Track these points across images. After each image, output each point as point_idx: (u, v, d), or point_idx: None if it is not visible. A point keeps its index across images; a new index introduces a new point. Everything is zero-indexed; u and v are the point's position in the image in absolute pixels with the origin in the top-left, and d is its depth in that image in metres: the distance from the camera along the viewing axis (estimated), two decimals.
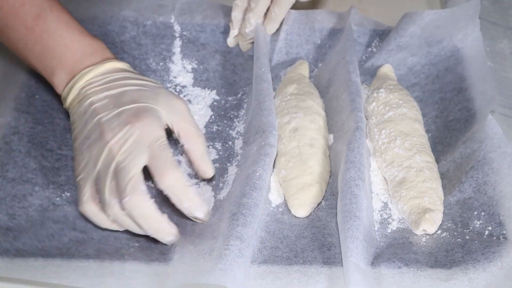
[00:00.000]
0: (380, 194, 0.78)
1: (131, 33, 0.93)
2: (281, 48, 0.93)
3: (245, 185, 0.71)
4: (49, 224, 0.73)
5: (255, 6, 0.90)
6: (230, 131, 0.85)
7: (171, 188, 0.69)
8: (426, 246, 0.71)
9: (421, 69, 0.91)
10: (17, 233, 0.71)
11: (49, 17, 0.76)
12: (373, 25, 0.96)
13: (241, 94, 0.89)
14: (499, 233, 0.70)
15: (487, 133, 0.76)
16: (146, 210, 0.67)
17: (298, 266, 0.69)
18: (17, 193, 0.75)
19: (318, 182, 0.76)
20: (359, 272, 0.65)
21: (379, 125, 0.82)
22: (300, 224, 0.74)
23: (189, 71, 0.92)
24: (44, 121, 0.83)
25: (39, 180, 0.77)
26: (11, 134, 0.80)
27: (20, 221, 0.72)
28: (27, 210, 0.74)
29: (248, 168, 0.74)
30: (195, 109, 0.87)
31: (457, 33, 0.91)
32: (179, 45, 0.94)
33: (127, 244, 0.72)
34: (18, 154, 0.79)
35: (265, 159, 0.74)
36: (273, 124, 0.78)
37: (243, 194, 0.71)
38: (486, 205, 0.72)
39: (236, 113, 0.87)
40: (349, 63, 0.86)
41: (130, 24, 0.93)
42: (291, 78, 0.88)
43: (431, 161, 0.78)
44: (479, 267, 0.67)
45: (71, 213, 0.74)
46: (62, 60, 0.76)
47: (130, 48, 0.92)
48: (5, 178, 0.76)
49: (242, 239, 0.67)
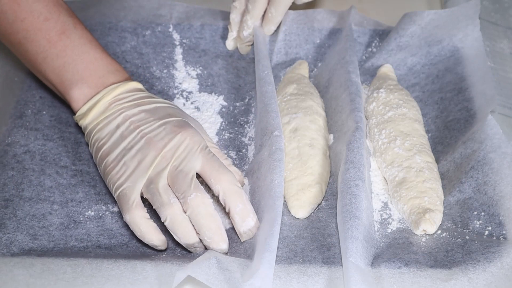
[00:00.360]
0: (380, 194, 0.78)
1: (131, 43, 0.94)
2: (280, 49, 0.93)
3: (268, 198, 0.72)
4: (73, 243, 0.73)
5: (252, 8, 0.90)
6: (242, 138, 0.85)
7: (228, 190, 0.70)
8: (426, 246, 0.71)
9: (421, 69, 0.91)
10: (40, 253, 0.71)
11: (73, 34, 0.78)
12: (373, 25, 0.96)
13: (248, 99, 0.90)
14: (499, 233, 0.70)
15: (487, 133, 0.76)
16: (210, 209, 0.68)
17: (297, 265, 0.69)
18: (36, 213, 0.75)
19: (318, 182, 0.76)
20: (359, 272, 0.65)
21: (379, 125, 0.82)
22: (300, 225, 0.74)
23: (194, 77, 0.92)
24: (54, 137, 0.83)
25: (56, 198, 0.77)
26: (22, 153, 0.80)
27: (42, 241, 0.72)
28: (48, 229, 0.74)
29: (265, 177, 0.74)
30: (205, 116, 0.87)
31: (457, 33, 0.91)
32: (180, 52, 0.94)
33: (156, 255, 0.72)
34: (32, 173, 0.78)
35: (279, 165, 0.74)
36: (279, 126, 0.78)
37: (269, 209, 0.70)
38: (486, 205, 0.72)
39: (245, 118, 0.87)
40: (349, 63, 0.86)
41: (129, 35, 0.94)
42: (291, 78, 0.88)
43: (431, 161, 0.78)
44: (479, 267, 0.67)
45: (94, 230, 0.74)
46: (86, 75, 0.77)
47: (132, 57, 0.93)
48: (21, 198, 0.76)
49: (271, 250, 0.66)
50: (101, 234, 0.74)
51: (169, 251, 0.73)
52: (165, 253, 0.73)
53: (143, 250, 0.73)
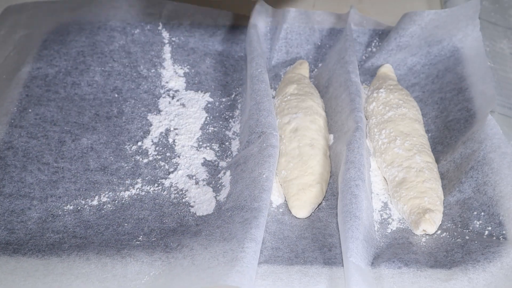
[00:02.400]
0: (380, 194, 0.78)
1: (119, 42, 0.94)
2: (281, 47, 0.94)
3: (253, 189, 0.72)
4: (49, 235, 0.73)
5: None
6: (226, 131, 0.85)
7: None
8: (426, 246, 0.71)
9: (421, 69, 0.91)
10: (16, 246, 0.71)
11: None
12: (373, 25, 0.96)
13: (235, 94, 0.90)
14: (499, 233, 0.70)
15: (487, 133, 0.76)
16: None
17: (299, 266, 0.69)
18: (15, 208, 0.75)
19: (318, 182, 0.76)
20: (359, 272, 0.65)
21: (379, 125, 0.82)
22: (300, 225, 0.74)
23: (181, 75, 0.92)
24: (38, 135, 0.83)
25: (36, 194, 0.77)
26: (5, 149, 0.81)
27: (19, 235, 0.73)
28: (26, 223, 0.74)
29: (252, 170, 0.74)
30: (190, 112, 0.88)
31: (457, 33, 0.91)
32: (169, 50, 0.95)
33: (128, 244, 0.72)
34: (13, 169, 0.79)
35: (269, 160, 0.74)
36: (273, 125, 0.78)
37: (253, 198, 0.71)
38: (485, 205, 0.72)
39: (230, 113, 0.88)
40: (349, 63, 0.86)
41: (118, 34, 0.94)
42: (291, 78, 0.88)
43: (431, 161, 0.78)
44: (479, 267, 0.67)
45: (71, 222, 0.75)
46: None
47: (119, 56, 0.93)
48: (1, 193, 0.76)
49: (256, 241, 0.67)
50: (78, 225, 0.74)
51: (144, 239, 0.73)
52: (140, 241, 0.72)
53: (118, 238, 0.73)
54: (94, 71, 0.91)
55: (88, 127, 0.85)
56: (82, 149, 0.82)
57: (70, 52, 0.93)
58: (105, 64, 0.91)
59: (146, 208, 0.76)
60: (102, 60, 0.91)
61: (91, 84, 0.89)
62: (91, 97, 0.88)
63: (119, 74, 0.91)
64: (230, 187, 0.76)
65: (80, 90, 0.89)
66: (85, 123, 0.85)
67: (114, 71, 0.90)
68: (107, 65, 0.91)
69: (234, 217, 0.70)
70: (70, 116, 0.86)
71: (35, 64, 0.91)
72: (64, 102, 0.87)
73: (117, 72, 0.91)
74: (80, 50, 0.93)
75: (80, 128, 0.84)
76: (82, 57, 0.92)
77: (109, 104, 0.88)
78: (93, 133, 0.84)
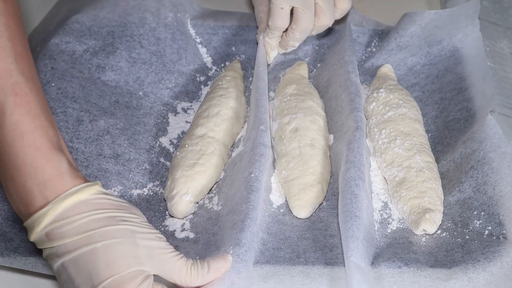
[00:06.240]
0: (380, 194, 0.78)
1: (151, 25, 0.92)
2: None
3: (243, 190, 0.72)
4: None
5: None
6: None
7: None
8: (426, 246, 0.71)
9: (421, 69, 0.91)
10: None
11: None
12: (373, 25, 0.96)
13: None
14: (499, 233, 0.70)
15: (487, 133, 0.76)
16: None
17: (300, 267, 0.69)
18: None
19: (319, 182, 0.76)
20: (360, 271, 0.65)
21: (379, 125, 0.82)
22: (301, 225, 0.74)
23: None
24: (57, 110, 0.81)
25: None
26: None
27: None
28: None
29: (244, 169, 0.74)
30: None
31: (457, 33, 0.91)
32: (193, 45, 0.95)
33: None
34: None
35: (260, 160, 0.74)
36: (266, 122, 0.78)
37: (242, 200, 0.71)
38: (485, 205, 0.72)
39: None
40: (348, 63, 0.86)
41: (151, 16, 0.92)
42: (291, 79, 0.89)
43: (431, 161, 0.78)
44: (479, 267, 0.67)
45: None
46: None
47: (148, 42, 0.91)
48: None
49: (240, 244, 0.67)
50: None
51: None
52: None
53: None
54: (121, 56, 0.88)
55: (107, 111, 0.83)
56: (98, 131, 0.80)
57: (101, 31, 0.90)
58: (132, 49, 0.89)
59: (151, 209, 0.76)
60: (130, 45, 0.89)
61: (115, 70, 0.87)
62: (113, 84, 0.86)
63: (144, 63, 0.89)
64: (226, 190, 0.76)
65: (103, 74, 0.87)
66: (104, 107, 0.83)
67: (139, 59, 0.88)
68: (134, 51, 0.89)
69: (227, 222, 0.70)
70: (91, 97, 0.83)
71: (65, 37, 0.88)
72: (87, 82, 0.85)
73: (143, 61, 0.89)
74: (111, 30, 0.90)
75: (99, 110, 0.82)
76: (111, 38, 0.90)
77: (129, 95, 0.86)
78: (111, 117, 0.82)
